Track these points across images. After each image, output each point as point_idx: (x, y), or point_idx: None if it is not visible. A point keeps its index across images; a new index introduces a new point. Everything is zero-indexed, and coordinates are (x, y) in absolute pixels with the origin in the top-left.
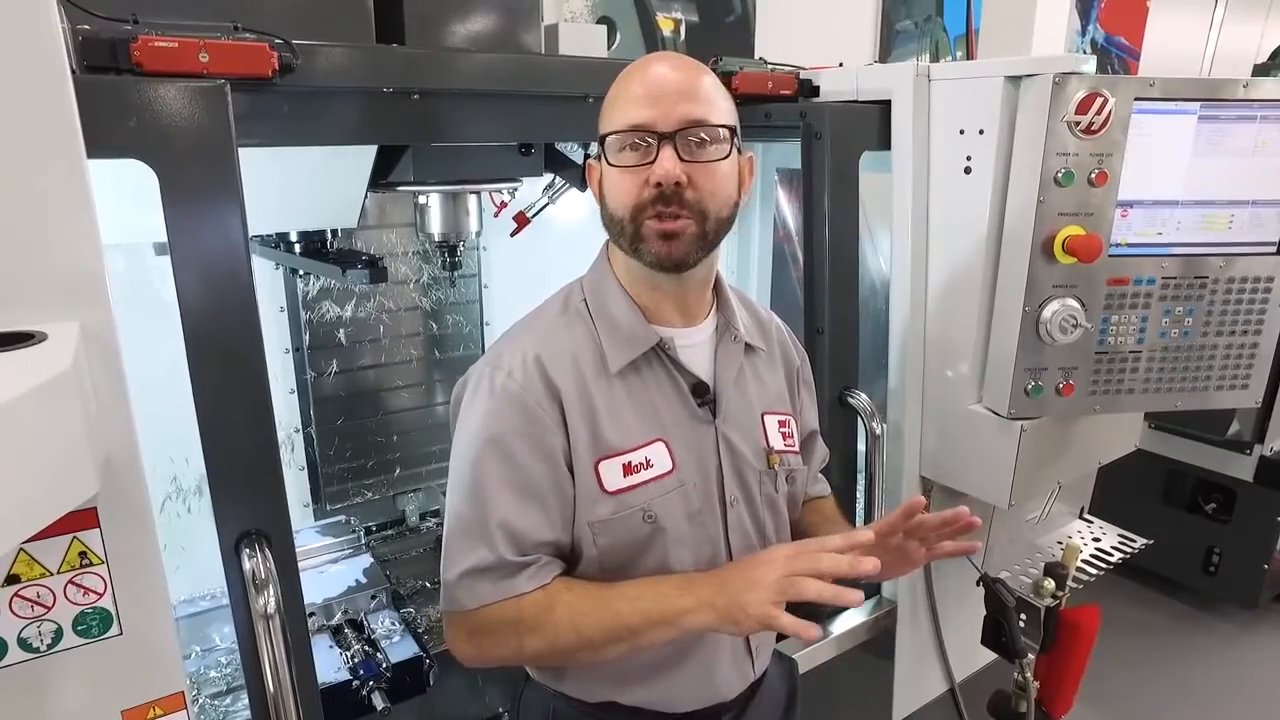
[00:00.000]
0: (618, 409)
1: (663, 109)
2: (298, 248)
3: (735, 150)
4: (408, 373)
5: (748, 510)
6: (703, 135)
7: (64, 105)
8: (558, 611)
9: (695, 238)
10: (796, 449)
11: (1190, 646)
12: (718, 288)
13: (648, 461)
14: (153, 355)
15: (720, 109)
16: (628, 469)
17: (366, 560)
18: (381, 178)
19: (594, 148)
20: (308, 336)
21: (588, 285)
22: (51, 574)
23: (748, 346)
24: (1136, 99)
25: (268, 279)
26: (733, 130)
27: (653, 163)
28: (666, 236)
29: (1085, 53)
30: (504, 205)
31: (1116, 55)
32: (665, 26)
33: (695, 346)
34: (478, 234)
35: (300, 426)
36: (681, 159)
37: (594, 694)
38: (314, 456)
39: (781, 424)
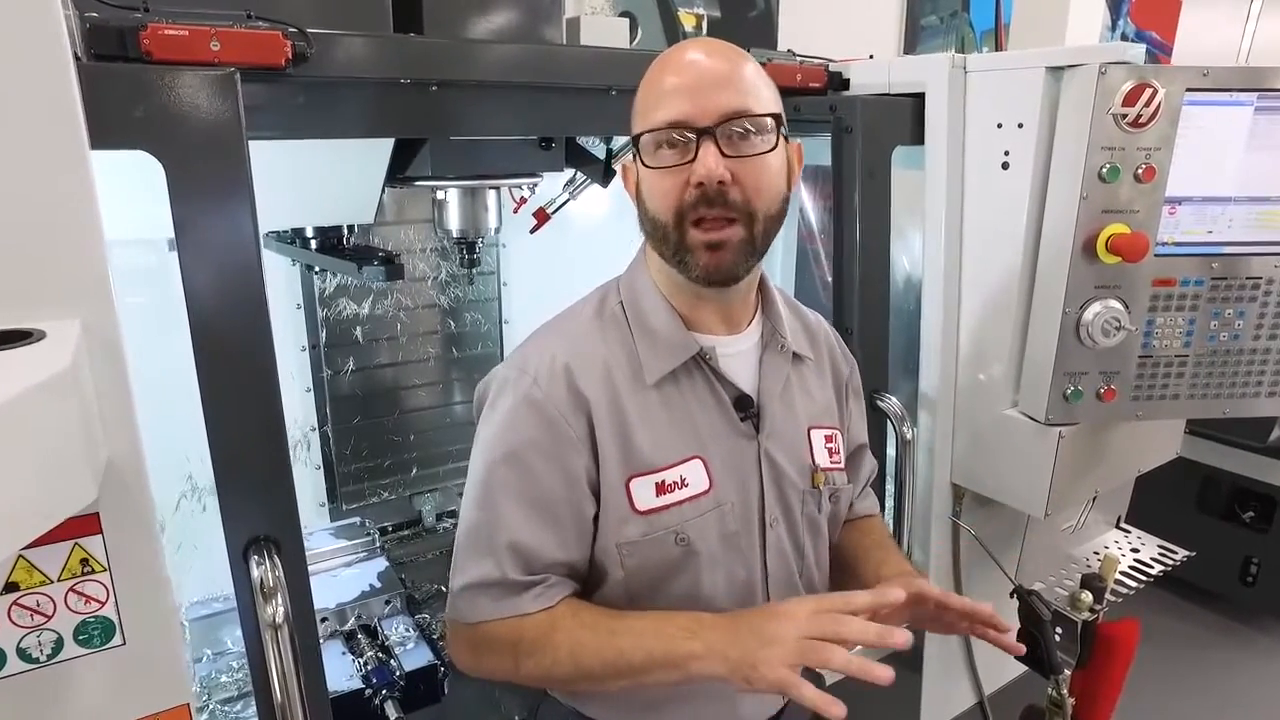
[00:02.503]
0: (653, 423)
1: (700, 102)
2: (313, 244)
3: (782, 140)
4: (425, 371)
5: (788, 531)
6: (746, 126)
7: (65, 93)
8: (557, 638)
9: (743, 244)
10: (842, 466)
11: (1228, 660)
12: (764, 291)
13: (683, 480)
14: (167, 350)
15: (764, 96)
16: (661, 488)
17: (381, 564)
18: (399, 172)
19: (617, 142)
20: (324, 334)
21: (624, 287)
22: (52, 581)
23: (795, 355)
24: (1188, 90)
25: (284, 276)
26: (779, 119)
27: (693, 161)
28: (713, 247)
29: None
30: (523, 201)
31: (1148, 51)
32: (687, 22)
33: (738, 355)
34: (497, 230)
35: (316, 425)
36: (725, 155)
37: (613, 716)
38: (330, 455)
39: (828, 439)
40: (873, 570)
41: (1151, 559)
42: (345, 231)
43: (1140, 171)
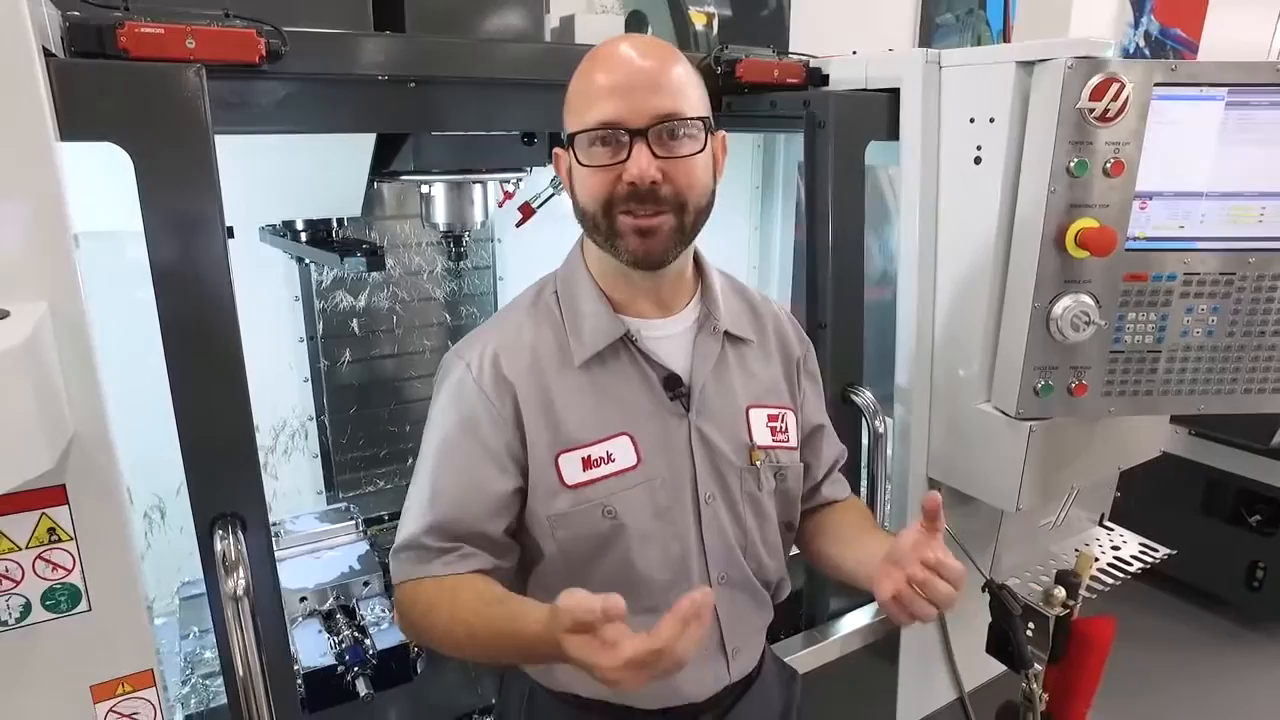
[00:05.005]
0: (580, 402)
1: (632, 103)
2: (304, 237)
3: (709, 140)
4: (421, 363)
5: (727, 508)
6: (676, 129)
7: (33, 87)
8: (452, 600)
9: (673, 232)
10: (791, 444)
11: (1231, 666)
12: (703, 274)
13: (609, 456)
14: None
15: (692, 99)
16: (587, 463)
17: (363, 547)
18: (384, 166)
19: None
20: (321, 325)
21: (560, 277)
22: (20, 549)
23: (733, 336)
24: (1156, 84)
25: (281, 268)
26: (706, 121)
27: (625, 160)
28: (643, 233)
29: (1139, 45)
30: (509, 195)
31: (1173, 48)
32: (698, 20)
33: (670, 337)
34: (483, 224)
35: (314, 415)
36: (655, 155)
37: (556, 683)
38: (327, 445)
39: (771, 418)
40: (846, 551)
41: (1131, 556)
42: (335, 224)
43: (1109, 166)
